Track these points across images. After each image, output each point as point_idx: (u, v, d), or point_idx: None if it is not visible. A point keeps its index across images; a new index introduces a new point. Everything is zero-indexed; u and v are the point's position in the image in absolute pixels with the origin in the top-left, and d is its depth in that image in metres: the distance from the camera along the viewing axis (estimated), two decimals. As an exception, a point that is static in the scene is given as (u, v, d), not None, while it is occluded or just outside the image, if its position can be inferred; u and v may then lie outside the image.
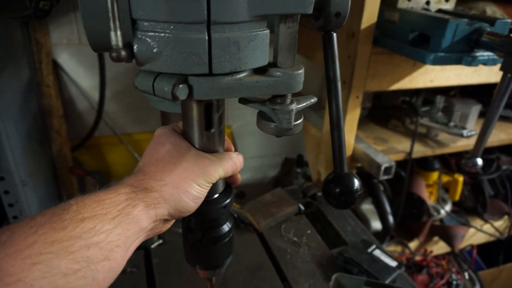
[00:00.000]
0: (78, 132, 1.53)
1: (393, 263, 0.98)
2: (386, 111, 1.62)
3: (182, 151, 0.48)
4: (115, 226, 0.37)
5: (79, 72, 1.45)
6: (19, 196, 0.88)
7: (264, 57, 0.44)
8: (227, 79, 0.42)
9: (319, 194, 1.29)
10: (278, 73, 0.45)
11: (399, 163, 1.33)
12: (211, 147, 0.52)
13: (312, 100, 0.51)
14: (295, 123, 0.48)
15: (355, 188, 0.56)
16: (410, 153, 1.36)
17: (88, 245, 0.34)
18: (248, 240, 1.09)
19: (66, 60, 1.42)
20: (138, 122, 1.61)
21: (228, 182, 0.60)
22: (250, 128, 1.76)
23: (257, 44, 0.42)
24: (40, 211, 0.36)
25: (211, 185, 0.49)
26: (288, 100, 0.48)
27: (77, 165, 1.52)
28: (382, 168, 1.17)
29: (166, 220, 0.46)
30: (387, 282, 0.92)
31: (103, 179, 1.43)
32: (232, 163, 0.51)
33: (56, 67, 1.39)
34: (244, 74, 0.44)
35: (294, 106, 0.47)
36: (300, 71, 0.46)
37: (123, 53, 0.38)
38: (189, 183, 0.45)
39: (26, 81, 1.20)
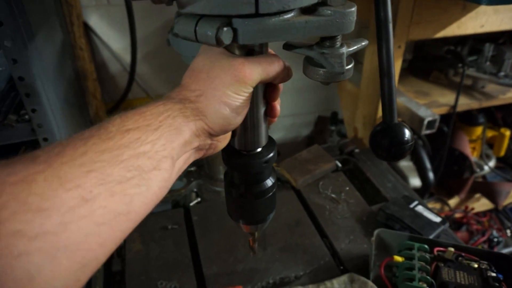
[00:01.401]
0: (112, 95, 1.55)
1: (437, 219, 0.95)
2: (427, 62, 1.52)
3: (216, 57, 0.43)
4: (158, 137, 0.37)
5: (110, 34, 1.44)
6: (63, 156, 0.90)
7: (314, -6, 0.40)
8: (274, 20, 0.39)
9: (357, 150, 1.26)
10: (329, 12, 0.41)
11: (440, 118, 1.27)
12: None
13: (363, 43, 0.47)
14: (347, 67, 0.44)
15: (406, 138, 0.53)
16: (454, 106, 1.28)
17: (136, 154, 0.35)
18: (286, 197, 1.09)
19: (96, 22, 1.40)
20: (170, 82, 1.60)
21: (267, 114, 0.53)
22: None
23: (306, -23, 0.38)
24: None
25: (250, 90, 0.43)
26: (338, 43, 0.44)
27: (114, 127, 1.54)
28: (425, 122, 1.12)
29: (211, 135, 0.44)
30: (431, 237, 0.90)
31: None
32: (274, 61, 0.44)
33: (87, 30, 1.38)
34: (292, 14, 0.40)
35: (345, 49, 0.44)
36: (353, 9, 0.41)
37: (163, -7, 0.35)
38: (223, 91, 0.41)
39: (60, 44, 1.20)
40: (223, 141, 0.49)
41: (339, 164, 1.19)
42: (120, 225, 0.33)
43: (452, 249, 0.77)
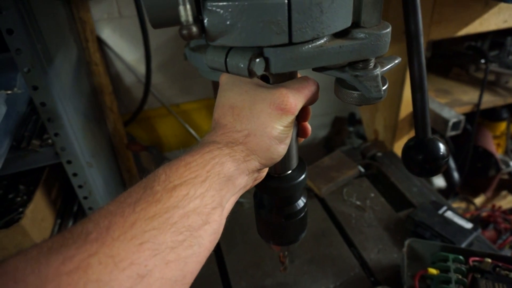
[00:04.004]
0: (127, 107, 1.55)
1: (468, 225, 0.92)
2: (447, 59, 1.48)
3: (252, 91, 0.42)
4: (207, 189, 0.36)
5: (123, 46, 1.44)
6: (86, 177, 0.90)
7: (348, 18, 0.38)
8: (307, 48, 0.37)
9: (379, 154, 1.23)
10: (363, 35, 0.39)
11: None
12: None
13: (396, 61, 0.45)
14: (383, 88, 0.42)
15: (441, 154, 0.51)
16: (478, 105, 1.24)
17: (186, 214, 0.34)
18: (310, 206, 1.06)
19: (109, 36, 1.40)
20: (185, 92, 1.60)
21: (300, 134, 0.54)
22: (297, 89, 1.69)
23: (341, 2, 0.36)
24: (132, 186, 0.35)
25: (294, 119, 0.42)
26: (372, 64, 0.42)
27: (131, 140, 1.55)
28: (450, 123, 1.08)
29: (259, 170, 0.44)
30: (463, 245, 0.87)
31: (159, 153, 1.46)
32: (310, 84, 0.44)
33: (100, 43, 1.38)
34: (325, 39, 0.38)
35: (379, 70, 0.42)
36: (388, 30, 0.40)
37: (194, 29, 0.34)
38: (272, 127, 0.40)
39: (76, 61, 1.20)
40: (265, 172, 0.48)
41: (362, 169, 1.17)
42: None
43: (489, 260, 0.74)
